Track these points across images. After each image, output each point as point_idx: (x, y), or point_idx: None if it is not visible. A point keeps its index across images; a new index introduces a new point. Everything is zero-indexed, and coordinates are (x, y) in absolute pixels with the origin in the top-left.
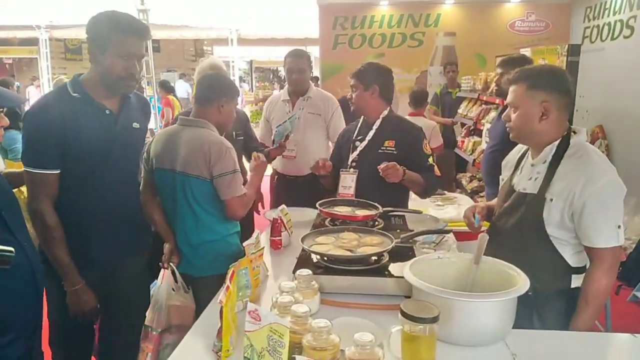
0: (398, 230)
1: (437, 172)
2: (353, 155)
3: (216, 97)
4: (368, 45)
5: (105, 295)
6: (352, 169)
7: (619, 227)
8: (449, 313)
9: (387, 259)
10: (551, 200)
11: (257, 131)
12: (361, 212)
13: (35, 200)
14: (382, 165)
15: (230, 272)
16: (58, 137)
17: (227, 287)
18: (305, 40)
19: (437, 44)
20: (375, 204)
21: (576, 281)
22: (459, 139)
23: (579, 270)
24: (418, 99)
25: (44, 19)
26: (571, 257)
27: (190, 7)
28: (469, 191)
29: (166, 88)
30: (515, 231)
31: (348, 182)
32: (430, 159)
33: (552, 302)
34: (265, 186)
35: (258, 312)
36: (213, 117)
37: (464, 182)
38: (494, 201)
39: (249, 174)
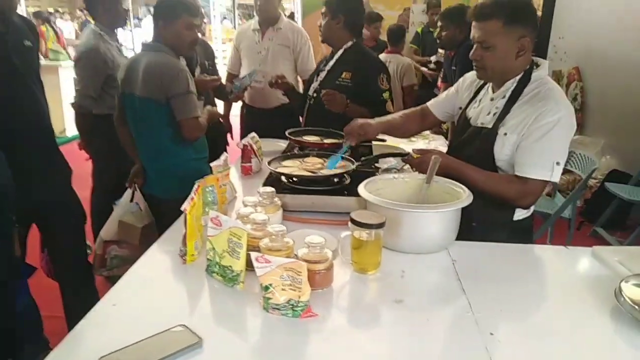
0: (362, 158)
1: (389, 108)
2: (314, 86)
3: (158, 19)
4: None
5: (37, 207)
6: None
7: (558, 164)
8: (398, 224)
9: (348, 181)
10: (505, 134)
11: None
12: (328, 140)
13: None
14: (323, 92)
15: (196, 186)
16: None
17: (192, 198)
18: None
19: None
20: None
21: (518, 213)
22: (438, 79)
23: None
24: (395, 36)
25: None
26: None
27: None
28: (445, 131)
29: (41, 18)
30: (468, 163)
31: None
32: (385, 94)
33: (494, 232)
34: (235, 118)
35: (219, 219)
36: (163, 38)
37: (443, 126)
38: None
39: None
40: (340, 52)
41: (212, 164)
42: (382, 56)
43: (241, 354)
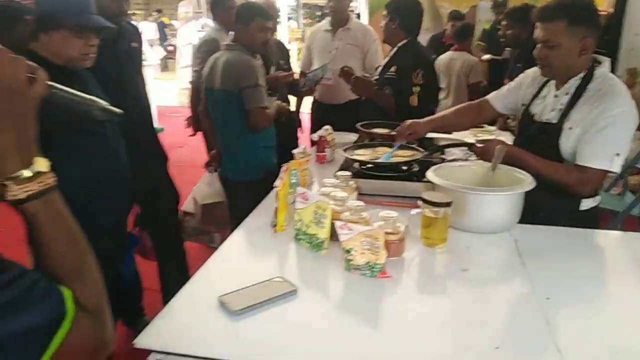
0: (430, 148)
1: (412, 101)
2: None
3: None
4: None
5: (141, 189)
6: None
7: (618, 155)
8: (465, 205)
9: (417, 168)
10: (570, 128)
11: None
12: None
13: None
14: (352, 78)
15: (284, 167)
16: None
17: (282, 178)
18: None
19: None
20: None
21: (585, 203)
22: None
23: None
24: (461, 34)
25: None
26: None
27: None
28: (512, 128)
29: None
30: None
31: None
32: (415, 89)
33: (561, 221)
34: (305, 115)
35: (306, 194)
36: (240, 39)
37: (509, 121)
38: None
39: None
40: (394, 50)
41: (294, 151)
42: (448, 54)
43: (328, 304)
